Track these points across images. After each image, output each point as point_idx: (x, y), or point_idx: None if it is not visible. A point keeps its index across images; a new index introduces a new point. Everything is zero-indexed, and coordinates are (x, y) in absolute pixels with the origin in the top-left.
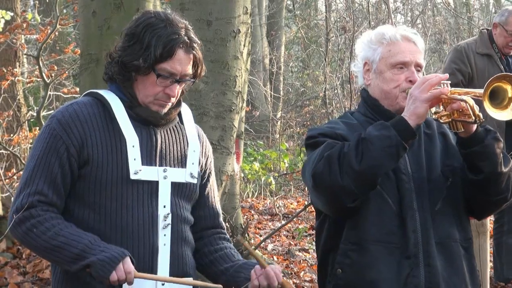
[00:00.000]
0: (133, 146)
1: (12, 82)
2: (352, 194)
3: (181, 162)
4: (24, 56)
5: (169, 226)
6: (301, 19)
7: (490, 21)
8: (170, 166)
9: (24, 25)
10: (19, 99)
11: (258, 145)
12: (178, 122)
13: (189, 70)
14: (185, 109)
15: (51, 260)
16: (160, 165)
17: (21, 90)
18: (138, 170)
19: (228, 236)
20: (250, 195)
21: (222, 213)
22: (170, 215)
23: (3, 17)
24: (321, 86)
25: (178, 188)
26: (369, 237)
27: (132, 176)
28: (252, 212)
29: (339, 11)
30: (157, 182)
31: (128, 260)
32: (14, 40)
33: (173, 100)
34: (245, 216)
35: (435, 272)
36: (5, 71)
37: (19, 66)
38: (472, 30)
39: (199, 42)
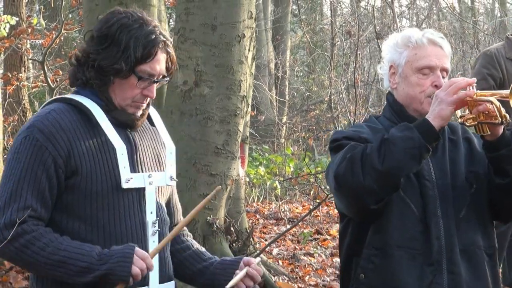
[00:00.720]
0: (122, 154)
1: (17, 87)
2: (374, 195)
3: (160, 165)
4: (29, 61)
5: (158, 232)
6: (307, 23)
7: (495, 26)
8: (152, 171)
9: (29, 30)
10: (24, 104)
11: (263, 150)
12: (147, 123)
13: (165, 69)
14: (152, 111)
15: (51, 275)
16: (142, 170)
17: (26, 95)
18: (130, 178)
19: (188, 231)
20: (255, 200)
21: (227, 218)
22: (158, 221)
23: (8, 22)
24: (326, 91)
25: (160, 192)
26: (392, 242)
27: (124, 185)
28: (257, 216)
29: (344, 16)
30: (144, 189)
31: (138, 249)
32: (20, 45)
33: (148, 100)
34: (250, 221)
35: (458, 280)
36: (10, 76)
37: (24, 71)
38: (477, 35)
39: (171, 39)
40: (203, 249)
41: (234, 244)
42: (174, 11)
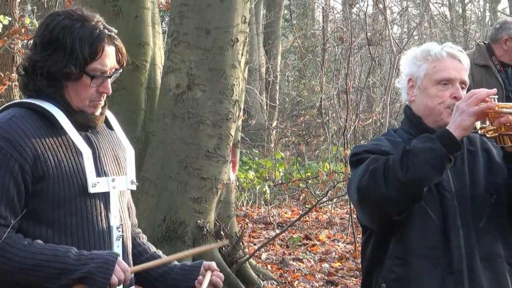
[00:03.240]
0: (88, 158)
1: (9, 87)
2: (397, 206)
3: (120, 168)
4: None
5: (121, 237)
6: (298, 28)
7: (486, 34)
8: (113, 174)
9: (22, 30)
10: None
11: (253, 154)
12: (104, 126)
13: (115, 62)
14: (109, 114)
15: (27, 281)
16: (105, 174)
17: (18, 95)
18: (96, 183)
19: (143, 233)
20: (244, 204)
21: (217, 221)
22: (121, 226)
23: (1, 22)
24: (317, 96)
25: (121, 196)
26: (414, 252)
27: (91, 190)
28: (247, 220)
29: (336, 22)
30: (108, 193)
31: (120, 259)
32: (12, 45)
33: (105, 98)
34: (240, 225)
35: None
36: (2, 76)
37: (17, 71)
38: (468, 43)
39: (116, 30)
40: (160, 252)
41: (223, 248)
42: (167, 14)
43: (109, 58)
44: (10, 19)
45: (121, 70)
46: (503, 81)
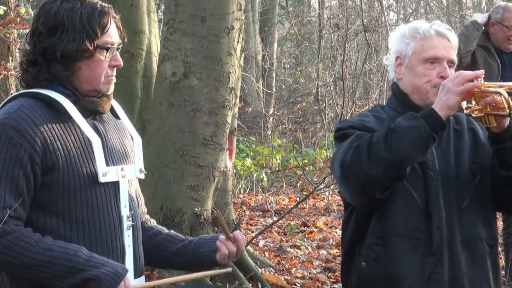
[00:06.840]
0: (97, 147)
1: (5, 77)
2: (381, 184)
3: (127, 157)
4: (17, 50)
5: (132, 227)
6: (294, 15)
7: None
8: (121, 163)
9: (18, 19)
10: (12, 94)
11: (250, 141)
12: (110, 115)
13: (117, 35)
14: (115, 103)
15: (35, 276)
16: (114, 163)
17: (14, 84)
18: (106, 172)
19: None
20: (242, 191)
21: (214, 209)
22: (132, 215)
23: None
24: (313, 83)
25: (130, 185)
26: (394, 232)
27: (101, 179)
28: (244, 208)
29: (332, 8)
30: (118, 182)
31: (127, 277)
32: (8, 35)
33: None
34: (237, 212)
35: (459, 270)
36: None
37: (12, 60)
38: None
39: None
40: (173, 232)
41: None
42: (162, 2)
43: (114, 31)
44: (5, 8)
45: (121, 44)
46: (499, 65)
